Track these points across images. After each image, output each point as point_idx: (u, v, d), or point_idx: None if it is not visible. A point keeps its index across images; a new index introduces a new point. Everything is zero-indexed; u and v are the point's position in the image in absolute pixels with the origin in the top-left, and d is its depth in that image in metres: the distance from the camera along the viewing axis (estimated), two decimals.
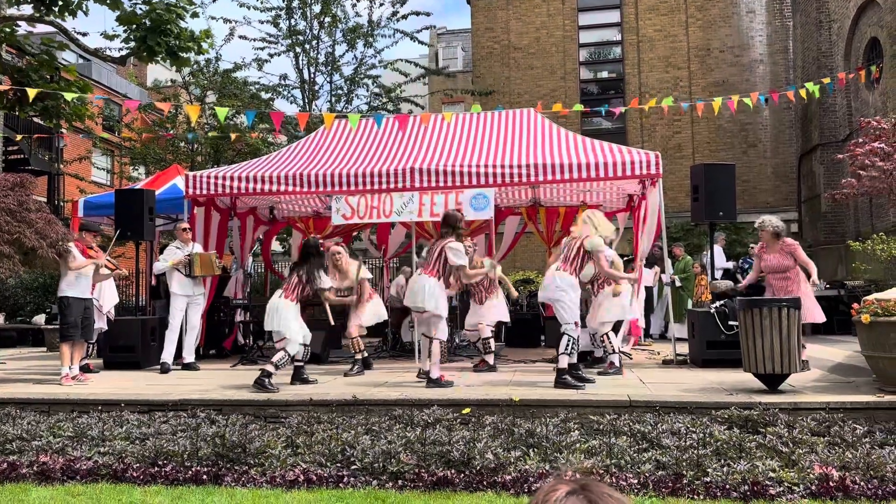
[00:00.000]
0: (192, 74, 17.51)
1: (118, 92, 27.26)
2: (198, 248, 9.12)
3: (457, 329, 10.23)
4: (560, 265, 6.68)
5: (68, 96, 9.57)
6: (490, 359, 8.19)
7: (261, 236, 12.10)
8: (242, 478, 4.66)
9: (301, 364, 7.28)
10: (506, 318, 8.74)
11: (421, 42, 18.76)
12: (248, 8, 17.75)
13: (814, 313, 7.19)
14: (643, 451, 4.74)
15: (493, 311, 8.42)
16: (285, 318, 6.97)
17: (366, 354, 8.37)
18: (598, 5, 19.66)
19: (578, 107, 11.65)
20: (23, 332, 14.88)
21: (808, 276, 7.29)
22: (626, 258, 9.40)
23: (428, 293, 6.86)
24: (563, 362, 6.51)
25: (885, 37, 14.25)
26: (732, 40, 18.80)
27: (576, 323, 6.54)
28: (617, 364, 7.64)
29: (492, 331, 8.45)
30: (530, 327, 11.68)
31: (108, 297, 8.86)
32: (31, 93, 9.24)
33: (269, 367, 6.74)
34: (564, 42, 19.46)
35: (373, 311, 8.41)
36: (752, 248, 14.01)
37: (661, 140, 18.56)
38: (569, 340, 6.50)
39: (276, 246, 16.62)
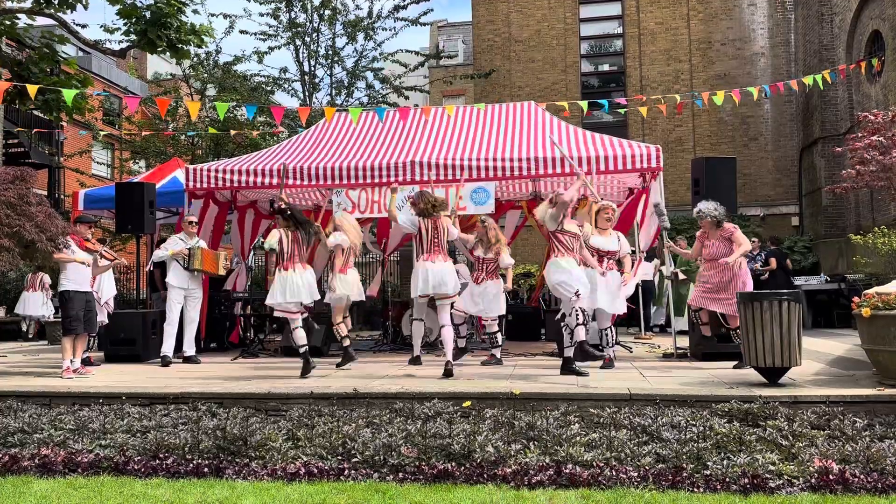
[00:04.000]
0: (193, 67, 17.47)
1: (118, 85, 27.20)
2: (202, 243, 9.11)
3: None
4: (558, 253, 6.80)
5: (68, 94, 9.53)
6: (497, 352, 8.18)
7: (262, 232, 12.08)
8: (243, 470, 4.68)
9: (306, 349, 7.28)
10: (503, 311, 8.58)
11: (423, 24, 18.70)
12: (248, 0, 17.71)
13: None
14: (643, 445, 4.75)
15: (493, 303, 8.25)
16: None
17: (347, 343, 7.90)
18: None
19: (583, 104, 11.62)
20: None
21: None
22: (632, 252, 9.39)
23: (451, 277, 7.14)
24: (569, 352, 6.71)
25: (887, 30, 14.20)
26: (734, 33, 18.74)
27: (577, 293, 6.60)
28: (612, 357, 7.65)
29: (497, 323, 8.40)
30: (531, 320, 11.69)
31: (106, 289, 8.86)
32: (32, 90, 9.22)
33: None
34: (565, 35, 19.41)
35: (344, 284, 7.85)
36: (754, 241, 14.02)
37: (661, 133, 18.53)
38: (575, 313, 6.59)
39: None
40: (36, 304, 14.40)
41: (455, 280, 7.30)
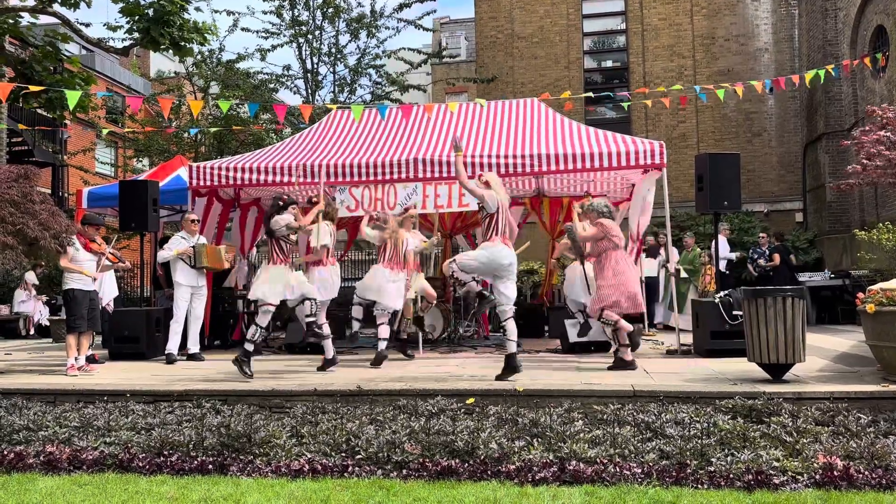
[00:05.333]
0: (196, 65, 17.48)
1: (121, 83, 27.27)
2: (203, 240, 9.12)
3: (460, 320, 10.25)
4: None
5: (71, 97, 9.53)
6: (382, 345, 7.65)
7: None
8: (247, 467, 4.69)
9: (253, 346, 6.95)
10: (399, 306, 7.97)
11: (425, 29, 18.69)
12: None
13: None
14: (647, 441, 4.75)
15: (390, 293, 7.77)
16: (258, 282, 7.12)
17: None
18: None
19: (586, 94, 11.59)
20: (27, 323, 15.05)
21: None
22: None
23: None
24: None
25: (892, 25, 14.15)
26: (737, 28, 18.69)
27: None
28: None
29: (388, 314, 7.88)
30: (535, 317, 11.68)
31: (107, 290, 8.89)
32: (35, 89, 9.24)
33: (247, 346, 6.83)
34: (568, 31, 19.38)
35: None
36: (762, 237, 14.00)
37: (665, 129, 18.49)
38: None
39: None
40: (17, 300, 14.92)
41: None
